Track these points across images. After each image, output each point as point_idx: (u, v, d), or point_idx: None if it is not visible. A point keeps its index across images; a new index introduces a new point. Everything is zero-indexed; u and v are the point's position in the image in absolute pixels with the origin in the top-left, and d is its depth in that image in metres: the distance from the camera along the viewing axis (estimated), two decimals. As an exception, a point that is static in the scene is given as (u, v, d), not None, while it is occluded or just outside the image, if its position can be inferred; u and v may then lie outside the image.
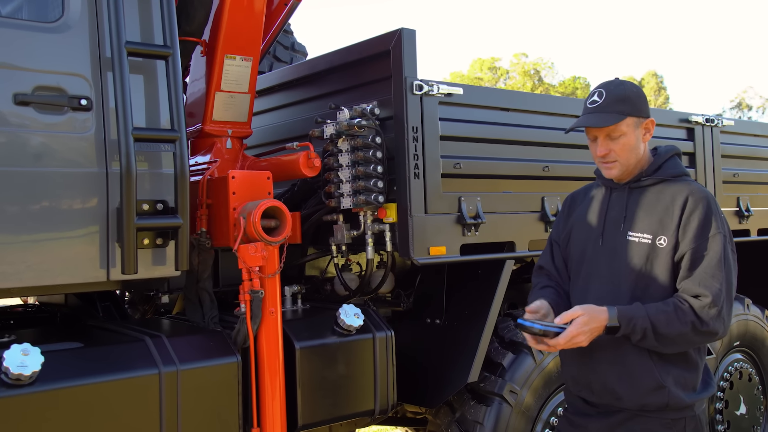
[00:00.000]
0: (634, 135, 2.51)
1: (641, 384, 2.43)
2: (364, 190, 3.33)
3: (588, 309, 2.37)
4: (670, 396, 2.41)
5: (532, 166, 3.87)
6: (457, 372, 3.50)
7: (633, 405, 2.45)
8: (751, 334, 5.00)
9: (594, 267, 2.58)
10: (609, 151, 2.51)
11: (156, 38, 2.93)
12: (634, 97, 2.52)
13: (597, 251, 2.58)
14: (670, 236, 2.43)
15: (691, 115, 4.79)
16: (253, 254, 3.00)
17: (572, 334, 2.32)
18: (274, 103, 4.33)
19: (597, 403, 2.55)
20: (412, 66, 3.34)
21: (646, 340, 2.36)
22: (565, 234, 2.74)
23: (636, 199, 2.55)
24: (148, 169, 2.89)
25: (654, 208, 2.49)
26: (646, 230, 2.47)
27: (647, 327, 2.33)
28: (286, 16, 4.14)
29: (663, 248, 2.43)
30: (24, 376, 2.46)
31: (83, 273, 2.78)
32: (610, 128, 2.49)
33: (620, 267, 2.50)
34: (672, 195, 2.48)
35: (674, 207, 2.45)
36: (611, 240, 2.55)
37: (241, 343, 3.05)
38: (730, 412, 4.77)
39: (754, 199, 5.07)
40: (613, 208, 2.59)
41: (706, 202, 2.43)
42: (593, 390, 2.54)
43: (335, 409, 3.29)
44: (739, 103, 46.21)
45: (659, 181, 2.53)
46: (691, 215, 2.41)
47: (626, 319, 2.34)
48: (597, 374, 2.51)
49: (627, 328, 2.34)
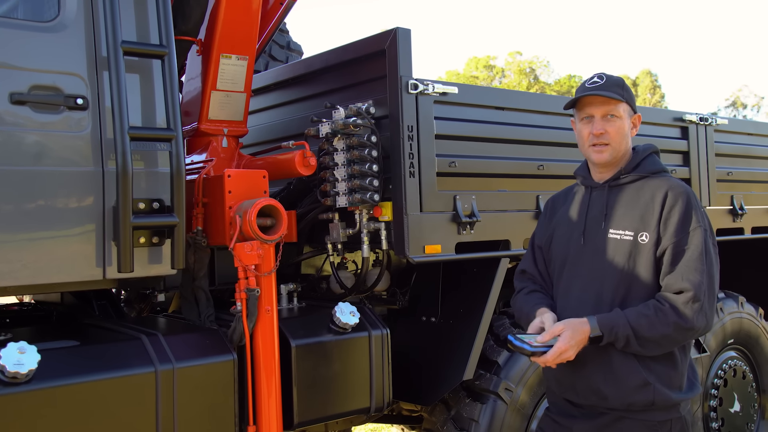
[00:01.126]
0: (626, 123, 2.56)
1: (627, 382, 2.43)
2: (359, 189, 3.34)
3: (569, 323, 2.40)
4: (656, 393, 2.41)
5: (527, 165, 3.89)
6: (452, 370, 3.51)
7: (619, 404, 2.45)
8: (745, 332, 5.03)
9: (576, 267, 2.58)
10: (604, 131, 2.53)
11: (152, 38, 2.94)
12: (628, 90, 2.58)
13: (579, 251, 2.58)
14: (651, 232, 2.43)
15: (685, 114, 4.81)
16: (249, 252, 3.01)
17: (560, 350, 2.36)
18: (270, 102, 4.33)
19: (582, 404, 2.55)
20: (407, 65, 3.35)
21: (630, 346, 2.38)
22: (547, 237, 2.74)
23: (616, 197, 2.56)
24: (144, 167, 2.90)
25: (635, 205, 2.50)
26: (627, 227, 2.48)
27: (629, 334, 2.35)
28: (281, 15, 4.15)
29: (645, 244, 2.43)
30: (20, 375, 2.46)
31: (79, 271, 2.79)
32: (609, 108, 2.52)
33: (602, 265, 2.50)
34: (652, 191, 2.49)
35: (654, 203, 2.45)
36: (593, 239, 2.55)
37: (237, 341, 3.06)
38: (725, 409, 4.79)
39: (748, 198, 5.09)
40: (593, 207, 2.60)
41: (686, 197, 2.44)
42: (577, 391, 2.54)
43: (331, 406, 3.30)
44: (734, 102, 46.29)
45: (638, 178, 2.54)
46: (671, 210, 2.42)
47: (608, 328, 2.37)
48: (581, 376, 2.50)
49: (610, 337, 2.37)
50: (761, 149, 5.44)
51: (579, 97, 2.57)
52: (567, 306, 2.56)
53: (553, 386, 2.67)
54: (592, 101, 2.54)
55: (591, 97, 2.54)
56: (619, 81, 2.56)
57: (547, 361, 2.39)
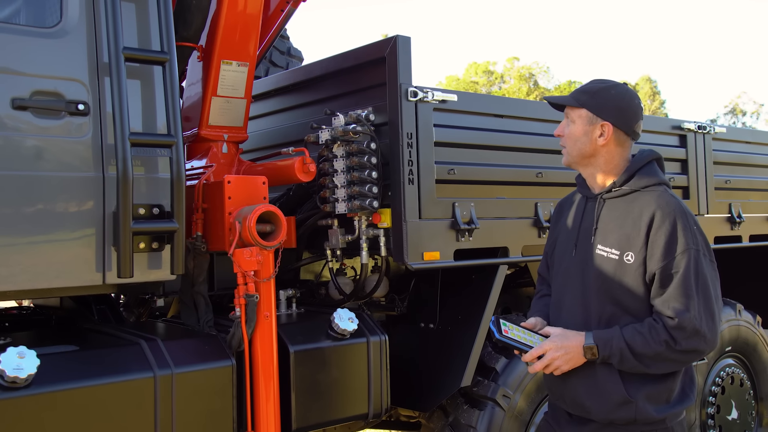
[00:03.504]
0: (582, 128, 2.50)
1: (608, 398, 2.40)
2: (358, 195, 3.35)
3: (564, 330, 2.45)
4: (638, 411, 2.37)
5: (526, 173, 3.90)
6: (450, 376, 3.52)
7: (601, 419, 2.43)
8: (742, 340, 5.04)
9: (567, 279, 2.56)
10: (561, 134, 2.58)
11: (153, 44, 2.95)
12: (604, 97, 2.50)
13: (570, 262, 2.57)
14: (636, 253, 2.38)
15: (683, 122, 4.83)
16: (249, 258, 3.02)
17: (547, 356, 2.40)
18: (270, 108, 4.35)
19: (571, 412, 2.56)
20: (407, 73, 3.37)
21: (625, 362, 2.34)
22: (552, 242, 2.75)
23: (606, 211, 2.51)
24: (144, 173, 2.91)
25: (622, 223, 2.44)
26: (614, 245, 2.43)
27: (623, 347, 2.32)
28: (282, 21, 4.16)
29: (630, 265, 2.39)
30: (20, 379, 2.47)
31: (79, 276, 2.80)
32: (567, 111, 2.56)
33: (590, 282, 2.47)
34: (640, 209, 2.42)
35: (641, 222, 2.39)
36: (583, 252, 2.53)
37: (235, 347, 3.07)
38: (722, 416, 4.80)
39: (746, 206, 5.11)
40: (586, 218, 2.57)
41: (673, 218, 2.36)
42: (566, 401, 2.54)
43: (329, 412, 3.31)
44: (733, 109, 46.32)
45: (630, 192, 2.48)
46: (657, 232, 2.35)
47: (602, 340, 2.35)
48: (567, 387, 2.50)
49: (605, 350, 2.34)
50: (759, 157, 5.46)
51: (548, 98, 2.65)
52: (559, 318, 2.57)
53: (549, 393, 2.70)
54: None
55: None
56: (590, 89, 2.53)
57: (536, 368, 2.43)
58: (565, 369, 2.41)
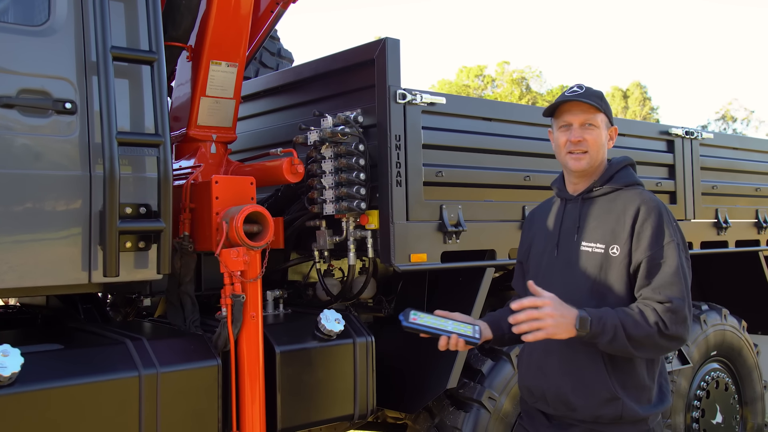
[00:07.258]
0: (603, 133, 2.57)
1: (595, 394, 2.41)
2: (346, 197, 3.36)
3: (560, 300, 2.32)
4: (624, 408, 2.40)
5: (514, 176, 3.92)
6: (436, 378, 3.53)
7: (587, 416, 2.44)
8: (728, 344, 5.07)
9: (548, 279, 2.55)
10: (582, 139, 2.54)
11: (142, 43, 2.95)
12: (606, 102, 2.60)
13: (551, 262, 2.59)
14: (622, 245, 2.43)
15: (671, 128, 4.85)
16: (235, 259, 3.02)
17: (545, 308, 2.23)
18: (259, 109, 4.35)
19: (553, 414, 2.55)
20: (395, 75, 3.38)
21: (616, 341, 2.29)
22: (525, 250, 2.76)
23: (589, 209, 2.56)
24: (131, 172, 2.90)
25: (606, 218, 2.50)
26: (599, 240, 2.48)
27: (617, 324, 2.28)
28: (272, 22, 4.17)
29: (616, 257, 2.43)
30: (3, 377, 2.46)
31: (65, 275, 2.79)
32: (587, 116, 2.54)
33: (574, 278, 2.50)
34: (624, 204, 2.49)
35: (626, 216, 2.45)
36: (566, 251, 2.56)
37: (221, 347, 3.07)
38: (707, 421, 4.83)
39: (732, 211, 5.14)
40: (567, 218, 2.61)
41: (658, 211, 2.44)
42: (548, 401, 2.53)
43: (315, 413, 3.31)
44: (724, 115, 46.59)
45: (612, 191, 2.55)
46: (643, 224, 2.42)
47: (596, 317, 2.29)
48: (551, 384, 2.50)
49: (598, 326, 2.27)
50: (746, 163, 5.50)
51: (558, 104, 2.58)
52: None
53: (526, 396, 2.67)
54: (570, 109, 2.56)
55: (570, 105, 2.55)
56: (598, 93, 2.58)
57: (525, 304, 2.24)
58: (550, 333, 2.24)
